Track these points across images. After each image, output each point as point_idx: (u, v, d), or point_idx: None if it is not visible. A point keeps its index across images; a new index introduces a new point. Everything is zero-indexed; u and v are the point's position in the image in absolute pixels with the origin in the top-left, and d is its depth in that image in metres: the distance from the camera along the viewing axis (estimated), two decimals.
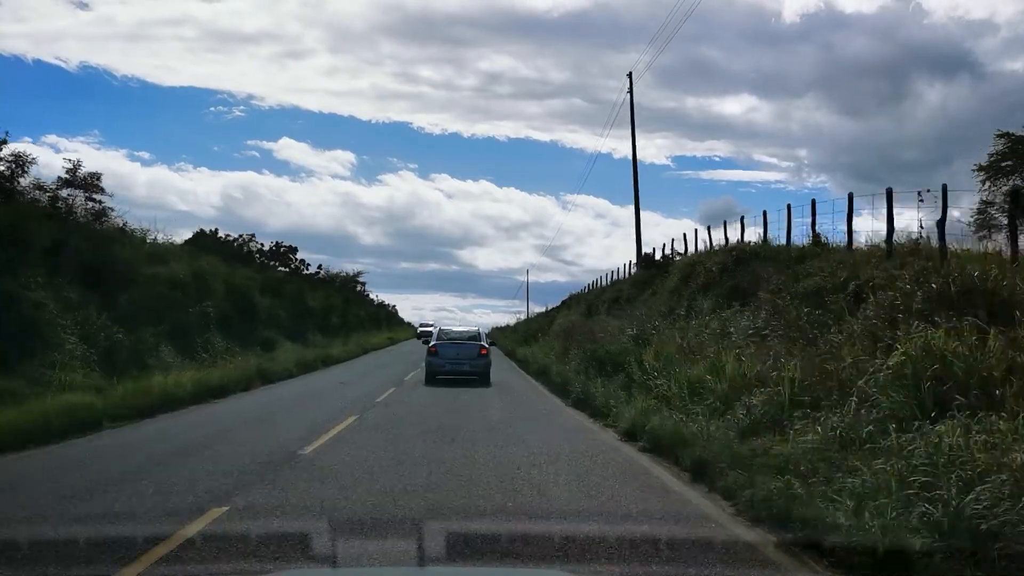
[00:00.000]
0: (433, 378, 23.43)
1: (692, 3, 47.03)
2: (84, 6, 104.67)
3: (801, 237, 19.01)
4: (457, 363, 23.61)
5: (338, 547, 6.08)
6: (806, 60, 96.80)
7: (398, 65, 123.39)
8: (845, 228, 16.37)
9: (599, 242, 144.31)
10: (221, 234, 43.98)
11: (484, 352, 24.13)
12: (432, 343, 24.58)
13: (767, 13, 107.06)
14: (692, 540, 6.43)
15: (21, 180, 19.47)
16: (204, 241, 39.57)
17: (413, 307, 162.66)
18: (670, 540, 6.31)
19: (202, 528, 6.49)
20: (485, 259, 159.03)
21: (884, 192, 14.98)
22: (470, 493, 8.01)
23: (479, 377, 23.42)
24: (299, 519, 6.93)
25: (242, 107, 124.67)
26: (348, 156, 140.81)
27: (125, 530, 6.48)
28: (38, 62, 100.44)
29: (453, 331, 25.30)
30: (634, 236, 35.56)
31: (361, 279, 71.83)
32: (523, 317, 66.23)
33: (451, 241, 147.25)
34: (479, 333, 25.48)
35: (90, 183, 22.23)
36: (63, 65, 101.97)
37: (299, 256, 53.00)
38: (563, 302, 52.69)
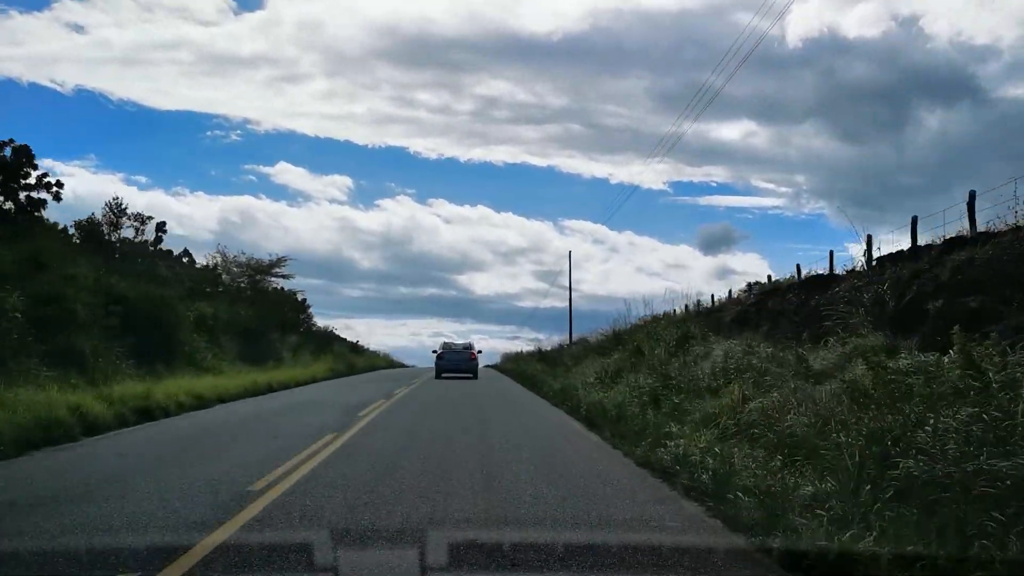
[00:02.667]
0: (440, 374, 34.96)
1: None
2: (80, 29, 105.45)
3: None
4: (456, 364, 36.07)
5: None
6: (806, 86, 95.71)
7: (395, 89, 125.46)
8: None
9: (597, 268, 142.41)
10: None
11: (473, 357, 36.99)
12: (439, 351, 36.96)
13: (769, 38, 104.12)
14: None
15: None
16: None
17: (411, 332, 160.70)
18: None
19: None
20: (483, 284, 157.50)
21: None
22: None
23: (471, 373, 35.89)
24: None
25: (238, 131, 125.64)
26: (345, 181, 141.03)
27: None
28: (33, 85, 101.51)
29: (453, 344, 38.97)
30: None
31: (284, 270, 47.81)
32: (556, 339, 49.68)
33: (449, 266, 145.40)
34: (470, 345, 38.58)
35: None
36: (59, 88, 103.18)
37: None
38: None
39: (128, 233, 38.29)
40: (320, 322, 55.66)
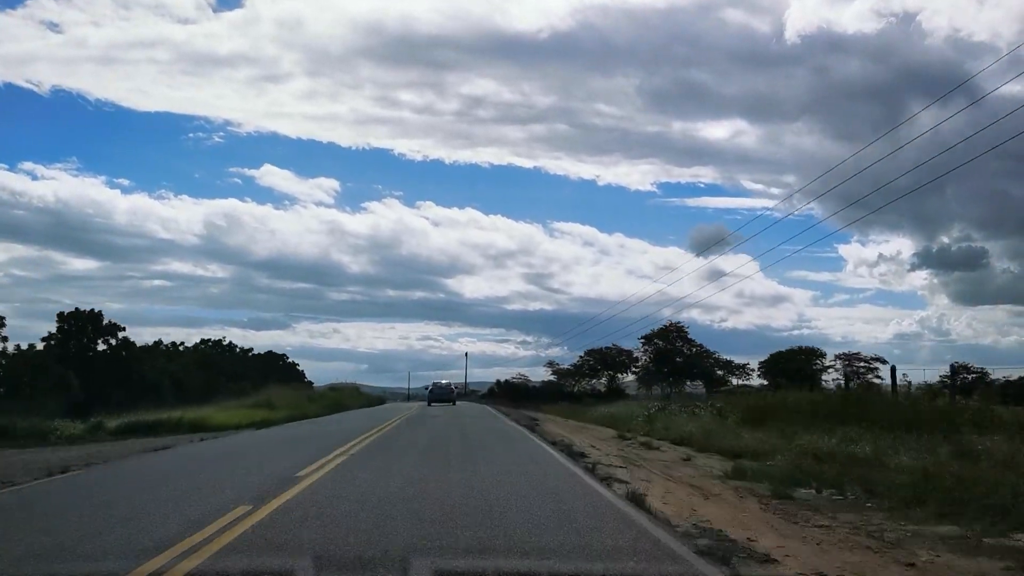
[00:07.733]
0: (430, 404, 53.28)
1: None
2: (55, 27, 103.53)
3: None
4: (441, 395, 55.75)
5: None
6: (799, 83, 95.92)
7: (378, 89, 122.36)
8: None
9: (586, 270, 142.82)
10: None
11: (453, 391, 60.05)
12: (430, 387, 58.26)
13: (760, 35, 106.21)
14: None
15: None
16: None
17: (400, 336, 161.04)
18: None
19: None
20: (472, 287, 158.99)
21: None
22: None
23: (451, 402, 55.93)
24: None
25: (220, 133, 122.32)
26: (332, 183, 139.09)
27: None
28: (9, 85, 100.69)
29: (440, 382, 59.83)
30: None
31: None
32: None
33: (438, 269, 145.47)
34: (450, 383, 62.41)
35: None
36: (35, 89, 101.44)
37: None
38: None
39: None
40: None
